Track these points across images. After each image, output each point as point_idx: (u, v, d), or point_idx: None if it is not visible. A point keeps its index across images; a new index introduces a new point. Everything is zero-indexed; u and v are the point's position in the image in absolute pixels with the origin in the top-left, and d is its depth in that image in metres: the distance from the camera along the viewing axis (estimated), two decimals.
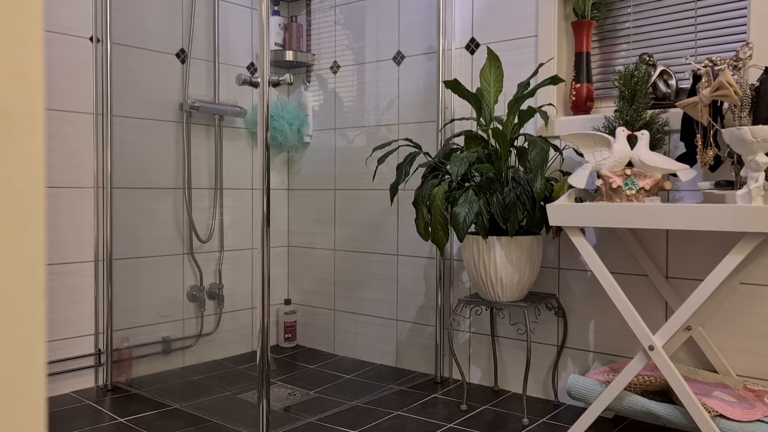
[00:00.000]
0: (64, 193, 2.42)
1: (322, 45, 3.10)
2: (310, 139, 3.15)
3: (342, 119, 3.03)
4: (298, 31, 3.11)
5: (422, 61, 2.74)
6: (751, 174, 1.66)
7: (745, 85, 1.76)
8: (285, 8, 3.20)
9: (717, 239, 2.07)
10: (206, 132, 2.90)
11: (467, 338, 2.62)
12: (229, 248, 3.00)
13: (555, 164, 2.36)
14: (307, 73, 3.16)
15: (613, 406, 1.89)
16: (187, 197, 2.82)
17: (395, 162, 2.77)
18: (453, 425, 2.13)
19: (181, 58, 2.79)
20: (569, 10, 2.38)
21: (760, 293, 2.00)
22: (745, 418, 1.72)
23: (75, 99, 2.45)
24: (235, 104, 2.98)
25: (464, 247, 2.26)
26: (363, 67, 2.95)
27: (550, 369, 2.41)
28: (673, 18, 2.23)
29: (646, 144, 1.92)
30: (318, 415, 2.22)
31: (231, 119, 3.00)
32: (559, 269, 2.39)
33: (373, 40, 2.90)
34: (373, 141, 2.90)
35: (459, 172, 2.07)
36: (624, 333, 2.24)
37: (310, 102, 3.15)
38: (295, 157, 3.24)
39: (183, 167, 2.80)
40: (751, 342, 2.02)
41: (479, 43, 2.56)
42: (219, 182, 2.94)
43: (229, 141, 3.00)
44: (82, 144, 2.47)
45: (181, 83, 2.79)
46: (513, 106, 2.17)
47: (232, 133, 3.01)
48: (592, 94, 2.32)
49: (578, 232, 1.90)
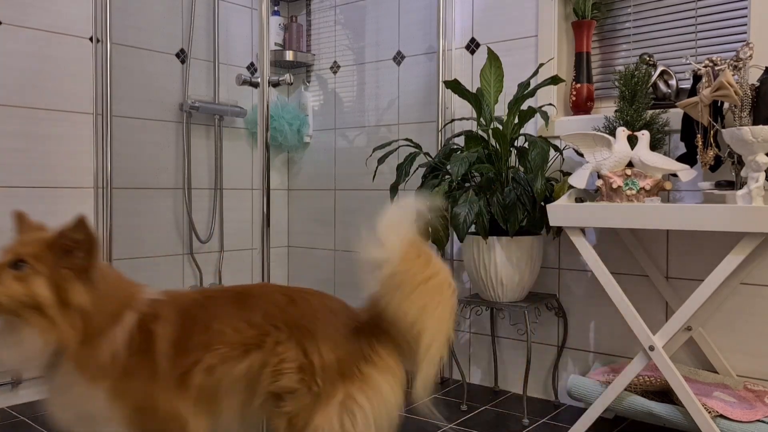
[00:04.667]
0: (64, 193, 2.42)
1: (322, 45, 3.10)
2: (310, 139, 3.15)
3: (342, 119, 3.03)
4: (298, 31, 3.11)
5: (422, 61, 2.74)
6: (751, 174, 1.66)
7: (745, 85, 1.76)
8: (285, 8, 3.20)
9: (717, 239, 2.07)
10: (206, 132, 2.90)
11: (467, 338, 2.62)
12: (229, 248, 3.00)
13: (555, 164, 2.35)
14: (307, 73, 3.16)
15: (613, 407, 1.89)
16: (187, 197, 2.81)
17: (395, 162, 2.76)
18: (453, 425, 2.13)
19: (181, 58, 2.79)
20: (569, 10, 2.37)
21: (761, 294, 2.00)
22: (745, 418, 1.72)
23: (75, 99, 2.45)
24: (235, 104, 2.98)
25: (464, 248, 2.26)
26: (363, 67, 2.94)
27: (550, 369, 2.41)
28: (673, 18, 2.23)
29: (647, 144, 1.91)
30: None
31: (231, 119, 2.99)
32: (559, 269, 2.39)
33: (373, 40, 2.90)
34: (373, 141, 2.90)
35: (459, 172, 2.07)
36: (624, 333, 2.23)
37: (310, 102, 3.15)
38: (295, 157, 3.24)
39: (183, 167, 2.80)
40: (752, 342, 2.02)
41: (479, 43, 2.56)
42: (219, 182, 2.94)
43: (229, 141, 3.00)
44: (82, 144, 2.47)
45: (181, 83, 2.79)
46: (513, 106, 2.17)
47: (232, 133, 3.01)
48: (592, 94, 2.32)
49: (578, 233, 1.90)
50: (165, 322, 1.28)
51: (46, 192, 2.37)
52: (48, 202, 2.37)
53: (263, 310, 1.31)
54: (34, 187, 2.34)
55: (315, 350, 1.26)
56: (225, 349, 1.27)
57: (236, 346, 1.28)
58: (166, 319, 1.29)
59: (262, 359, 1.27)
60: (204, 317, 1.30)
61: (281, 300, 1.32)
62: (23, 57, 2.30)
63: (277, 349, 1.27)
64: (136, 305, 1.29)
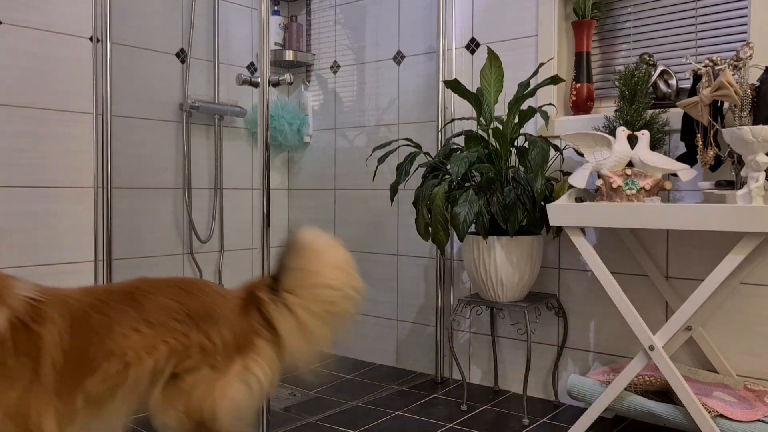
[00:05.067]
0: (64, 193, 2.42)
1: (322, 45, 3.10)
2: (310, 139, 3.15)
3: (342, 119, 3.03)
4: (298, 30, 3.11)
5: (422, 61, 2.74)
6: (751, 174, 1.66)
7: (745, 85, 1.76)
8: (285, 8, 3.20)
9: (717, 239, 2.07)
10: (206, 132, 2.90)
11: (467, 338, 2.62)
12: (229, 248, 3.00)
13: (555, 164, 2.36)
14: (307, 73, 3.16)
15: (613, 407, 1.89)
16: (187, 197, 2.81)
17: (395, 162, 2.76)
18: (453, 425, 2.13)
19: (181, 58, 2.79)
20: (569, 10, 2.37)
21: (761, 293, 2.00)
22: (745, 418, 1.72)
23: (75, 99, 2.45)
24: (235, 104, 2.98)
25: (464, 247, 2.26)
26: (363, 67, 2.94)
27: (550, 369, 2.41)
28: (673, 18, 2.23)
29: (647, 144, 1.92)
30: (318, 415, 2.22)
31: (231, 119, 2.99)
32: (559, 269, 2.39)
33: (373, 39, 2.90)
34: (373, 141, 2.90)
35: (459, 172, 2.07)
36: (624, 333, 2.24)
37: (310, 102, 3.15)
38: (295, 157, 3.24)
39: (183, 167, 2.80)
40: (752, 342, 2.02)
41: (479, 43, 2.56)
42: (219, 182, 2.94)
43: (229, 141, 3.00)
44: (82, 144, 2.47)
45: (181, 83, 2.79)
46: (513, 105, 2.17)
47: (232, 133, 3.01)
48: (592, 94, 2.32)
49: (578, 232, 1.90)
50: (53, 326, 1.24)
51: (46, 192, 2.37)
52: (48, 202, 2.37)
53: (161, 307, 1.34)
54: (34, 187, 2.34)
55: (217, 332, 1.37)
56: (130, 353, 1.29)
57: (141, 348, 1.30)
58: (53, 322, 1.24)
59: (168, 354, 1.32)
60: (102, 323, 1.28)
61: (177, 293, 1.38)
62: (23, 57, 2.30)
63: (183, 340, 1.34)
64: (8, 301, 1.22)
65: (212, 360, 1.35)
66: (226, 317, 1.39)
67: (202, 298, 1.39)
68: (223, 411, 1.34)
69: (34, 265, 2.32)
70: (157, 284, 1.40)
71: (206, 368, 1.35)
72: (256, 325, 1.41)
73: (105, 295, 1.35)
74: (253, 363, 1.39)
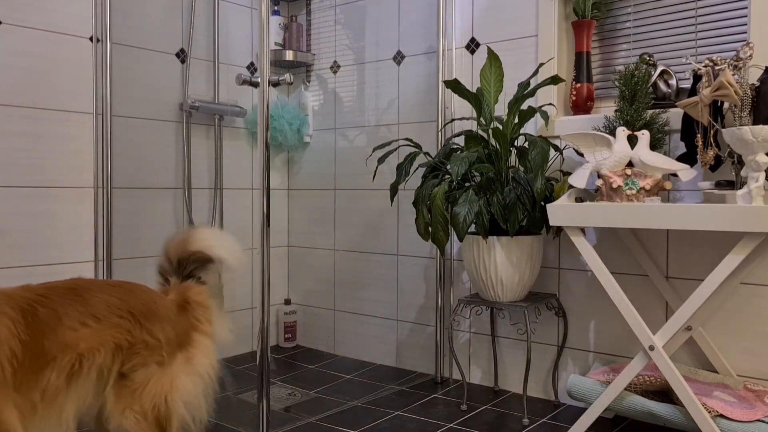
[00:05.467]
0: (64, 193, 2.42)
1: (322, 45, 3.10)
2: (310, 139, 3.15)
3: (342, 119, 3.03)
4: (298, 30, 3.11)
5: (422, 61, 2.74)
6: (751, 174, 1.66)
7: (745, 85, 1.76)
8: (285, 8, 3.20)
9: (717, 239, 2.07)
10: (206, 132, 2.90)
11: (467, 338, 2.62)
12: None
13: (555, 164, 2.36)
14: (307, 73, 3.16)
15: (613, 406, 1.89)
16: (187, 197, 2.81)
17: (395, 162, 2.77)
18: (453, 425, 2.13)
19: (181, 58, 2.79)
20: (569, 10, 2.37)
21: (761, 293, 2.00)
22: (745, 418, 1.72)
23: (75, 99, 2.45)
24: (235, 104, 2.98)
25: (464, 247, 2.26)
26: (363, 67, 2.94)
27: (550, 369, 2.41)
28: (673, 18, 2.23)
29: (647, 144, 1.92)
30: (318, 415, 2.22)
31: (231, 119, 2.99)
32: (559, 269, 2.39)
33: (373, 39, 2.90)
34: (373, 141, 2.90)
35: (459, 172, 2.07)
36: (624, 333, 2.24)
37: (310, 102, 3.15)
38: (295, 157, 3.24)
39: (183, 167, 2.80)
40: (752, 342, 2.02)
41: (479, 43, 2.56)
42: (219, 182, 2.94)
43: (229, 141, 3.00)
44: (82, 144, 2.47)
45: (181, 83, 2.79)
46: (513, 105, 2.17)
47: (232, 133, 3.01)
48: (592, 94, 2.32)
49: (578, 232, 1.90)
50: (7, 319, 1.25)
51: (46, 192, 2.37)
52: (48, 202, 2.37)
53: (105, 303, 1.41)
54: (34, 187, 2.34)
55: (160, 329, 1.47)
56: (83, 345, 1.34)
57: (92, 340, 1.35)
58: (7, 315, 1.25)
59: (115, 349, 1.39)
60: (50, 316, 1.31)
61: (118, 291, 1.46)
62: (23, 57, 2.30)
63: (128, 336, 1.42)
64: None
65: (158, 356, 1.46)
66: (166, 315, 1.50)
67: (142, 297, 1.49)
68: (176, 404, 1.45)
69: (34, 265, 2.32)
70: (97, 283, 1.48)
71: (153, 365, 1.44)
72: (192, 320, 1.56)
73: (45, 290, 1.38)
74: (195, 355, 1.54)
